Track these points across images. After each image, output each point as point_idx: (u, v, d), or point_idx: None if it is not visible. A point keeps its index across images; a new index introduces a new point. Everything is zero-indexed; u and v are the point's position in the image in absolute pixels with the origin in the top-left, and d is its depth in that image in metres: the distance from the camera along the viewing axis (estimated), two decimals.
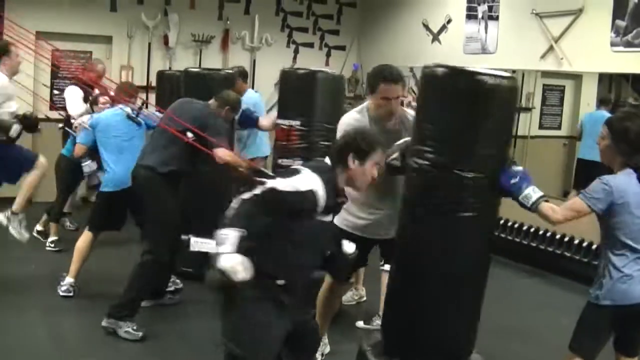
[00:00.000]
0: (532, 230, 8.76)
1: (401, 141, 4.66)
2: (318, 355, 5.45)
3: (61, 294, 6.77)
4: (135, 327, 5.96)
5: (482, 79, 3.98)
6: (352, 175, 4.00)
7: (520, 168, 4.13)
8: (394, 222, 4.63)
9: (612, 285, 4.06)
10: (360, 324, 6.35)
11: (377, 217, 5.11)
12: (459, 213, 4.08)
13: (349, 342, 5.40)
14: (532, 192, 4.06)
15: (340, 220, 5.12)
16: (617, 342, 4.28)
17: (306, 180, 3.80)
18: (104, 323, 5.95)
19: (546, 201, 4.09)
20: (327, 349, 5.61)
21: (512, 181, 4.05)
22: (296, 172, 3.89)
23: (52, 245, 8.40)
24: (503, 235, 9.10)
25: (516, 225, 8.99)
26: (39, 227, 8.70)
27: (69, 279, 6.82)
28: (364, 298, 6.95)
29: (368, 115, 5.04)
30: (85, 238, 6.89)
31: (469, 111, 4.03)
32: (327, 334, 5.65)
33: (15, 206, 6.88)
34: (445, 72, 4.12)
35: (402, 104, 5.25)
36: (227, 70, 8.14)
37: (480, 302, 4.39)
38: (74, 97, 9.10)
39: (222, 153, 6.00)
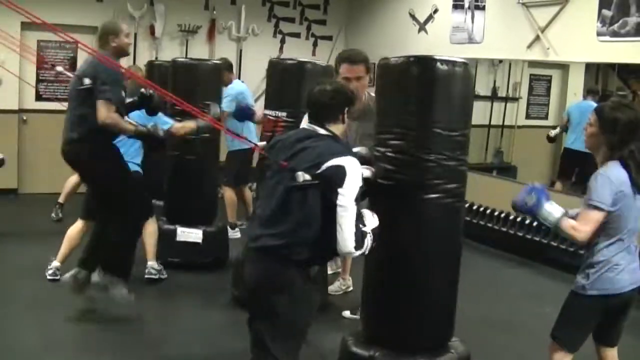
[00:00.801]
0: (518, 219, 8.77)
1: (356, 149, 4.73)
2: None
3: (48, 277, 6.79)
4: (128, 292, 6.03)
5: (435, 66, 4.13)
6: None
7: (536, 185, 4.12)
8: None
9: (599, 275, 4.05)
10: (346, 313, 6.36)
11: None
12: (425, 196, 4.17)
13: (336, 331, 5.38)
14: (551, 211, 4.02)
15: None
16: (598, 333, 4.26)
17: None
18: (96, 278, 5.97)
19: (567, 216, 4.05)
20: None
21: (528, 201, 4.05)
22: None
23: None
24: (490, 225, 9.13)
25: (502, 215, 9.01)
26: None
27: (55, 263, 6.85)
28: (351, 288, 6.95)
29: None
30: (76, 225, 6.96)
31: (425, 97, 4.15)
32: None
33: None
34: (400, 61, 4.26)
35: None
36: (214, 61, 8.11)
37: (455, 286, 4.44)
38: None
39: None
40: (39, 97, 11.12)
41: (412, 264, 4.24)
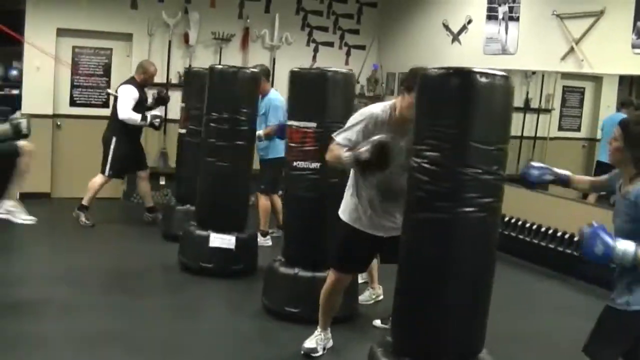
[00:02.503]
0: (550, 232, 8.73)
1: (377, 137, 4.73)
2: (320, 349, 5.58)
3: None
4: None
5: (475, 78, 4.03)
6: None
7: (592, 227, 3.93)
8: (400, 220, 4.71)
9: None
10: (377, 322, 6.34)
11: (386, 214, 5.16)
12: (460, 209, 4.08)
13: (366, 341, 5.37)
14: (625, 248, 3.83)
15: (347, 214, 5.29)
16: (630, 351, 4.21)
17: None
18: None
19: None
20: (330, 343, 5.67)
21: (597, 251, 3.86)
22: None
23: None
24: (521, 237, 9.08)
25: (534, 227, 8.97)
26: None
27: None
28: (381, 297, 6.94)
29: (390, 113, 5.07)
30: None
31: (463, 110, 4.06)
32: (333, 330, 5.72)
33: None
34: (439, 73, 4.18)
35: None
36: (252, 69, 8.12)
37: (488, 300, 4.36)
38: (126, 97, 9.43)
39: None
40: (73, 103, 11.22)
41: (444, 277, 4.18)
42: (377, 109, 5.13)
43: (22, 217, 8.30)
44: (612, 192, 4.40)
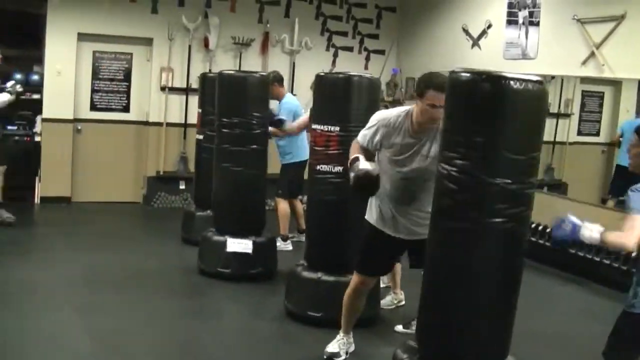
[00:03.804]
0: None
1: (364, 166, 4.91)
2: (343, 354, 5.58)
3: None
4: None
5: (508, 84, 3.92)
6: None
7: (571, 217, 4.07)
8: (423, 223, 4.76)
9: None
10: (399, 328, 6.35)
11: (407, 216, 5.17)
12: (488, 219, 4.03)
13: (388, 346, 5.39)
14: (592, 229, 3.96)
15: (370, 216, 5.33)
16: None
17: None
18: None
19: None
20: (352, 348, 5.66)
21: (566, 230, 4.02)
22: None
23: None
24: (540, 242, 9.06)
25: None
26: None
27: None
28: (403, 302, 6.95)
29: (405, 118, 5.08)
30: None
31: (495, 116, 3.97)
32: (354, 334, 5.71)
33: None
34: (471, 77, 4.06)
35: None
36: (262, 73, 8.16)
37: (514, 308, 4.34)
38: None
39: None
40: (93, 107, 11.27)
41: (471, 286, 4.15)
42: (391, 114, 5.16)
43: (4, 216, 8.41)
44: None
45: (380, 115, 5.19)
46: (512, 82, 3.91)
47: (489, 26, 10.49)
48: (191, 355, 5.70)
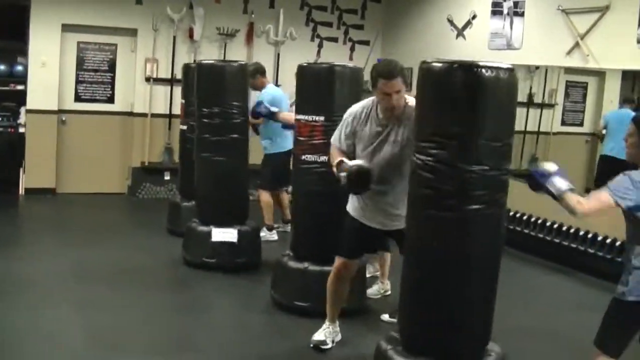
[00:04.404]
0: (555, 226, 8.74)
1: (355, 162, 5.02)
2: (329, 342, 5.60)
3: None
4: None
5: (480, 72, 3.98)
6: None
7: (552, 164, 4.13)
8: (398, 210, 4.94)
9: (638, 281, 4.05)
10: (385, 317, 6.36)
11: (383, 209, 5.22)
12: (466, 206, 4.08)
13: (374, 335, 5.39)
14: (560, 182, 4.03)
15: (352, 209, 5.38)
16: None
17: None
18: None
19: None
20: (339, 337, 5.69)
21: (542, 172, 4.07)
22: None
23: None
24: (526, 231, 9.10)
25: (539, 221, 8.98)
26: None
27: None
28: (389, 292, 6.96)
29: (371, 108, 5.17)
30: None
31: (468, 104, 4.03)
32: (340, 323, 5.74)
33: None
34: (443, 67, 4.12)
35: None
36: (240, 62, 8.14)
37: (494, 293, 4.39)
38: None
39: None
40: (78, 98, 11.23)
41: (451, 273, 4.20)
42: (357, 107, 5.27)
43: None
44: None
45: (349, 111, 5.29)
46: (484, 71, 3.98)
47: (474, 17, 10.51)
48: (183, 349, 5.66)
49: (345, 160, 5.06)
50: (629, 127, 4.16)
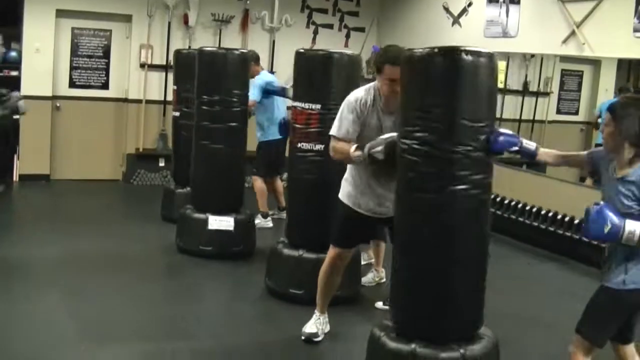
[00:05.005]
0: (549, 214, 8.74)
1: (387, 135, 4.79)
2: (320, 334, 5.59)
3: None
4: None
5: (460, 57, 4.07)
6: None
7: (599, 207, 4.00)
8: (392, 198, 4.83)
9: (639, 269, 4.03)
10: (379, 304, 6.36)
11: (383, 198, 5.20)
12: (452, 187, 4.13)
13: (368, 323, 5.40)
14: (634, 229, 3.88)
15: (346, 197, 5.34)
16: (619, 330, 4.23)
17: None
18: None
19: None
20: (327, 328, 5.67)
21: (605, 230, 3.91)
22: None
23: None
24: (520, 219, 9.09)
25: (533, 209, 8.98)
26: None
27: None
28: (384, 279, 6.95)
29: (374, 94, 5.11)
30: None
31: (450, 88, 4.10)
32: (335, 311, 5.75)
33: None
34: (424, 53, 4.20)
35: None
36: (242, 50, 8.12)
37: (483, 277, 4.40)
38: None
39: None
40: (72, 84, 11.20)
41: (440, 255, 4.23)
42: (361, 92, 5.18)
43: None
44: (593, 171, 4.41)
45: (353, 97, 5.17)
46: (464, 55, 4.07)
47: (470, 4, 10.48)
48: (176, 336, 5.66)
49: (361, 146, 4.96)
50: (605, 116, 4.15)
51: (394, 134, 4.70)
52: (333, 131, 5.17)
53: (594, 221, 3.95)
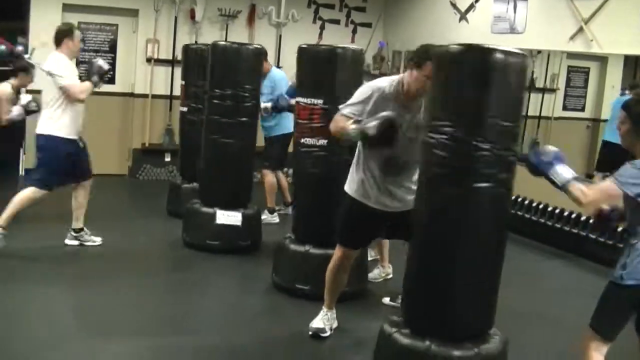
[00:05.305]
0: (556, 211, 8.73)
1: (386, 113, 4.77)
2: (328, 330, 5.58)
3: None
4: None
5: (493, 56, 4.09)
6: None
7: (553, 148, 4.14)
8: (408, 195, 4.92)
9: (636, 265, 4.03)
10: (386, 300, 6.36)
11: (391, 189, 5.16)
12: (476, 184, 4.14)
13: (375, 319, 5.40)
14: (564, 171, 4.03)
15: (353, 190, 5.30)
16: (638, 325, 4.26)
17: None
18: None
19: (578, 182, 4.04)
20: (335, 324, 5.66)
21: (543, 158, 4.08)
22: None
23: None
24: (527, 216, 9.09)
25: (541, 207, 8.97)
26: None
27: None
28: (391, 275, 6.95)
29: (397, 87, 5.04)
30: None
31: (482, 86, 4.11)
32: (341, 307, 5.73)
33: None
34: (458, 49, 4.24)
35: None
36: (255, 45, 8.11)
37: (498, 276, 4.42)
38: None
39: None
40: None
41: (459, 252, 4.24)
42: (384, 82, 5.12)
43: None
44: None
45: (374, 85, 5.12)
46: (499, 54, 4.09)
47: (477, 0, 10.45)
48: (181, 332, 5.65)
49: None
50: (620, 115, 4.15)
51: (391, 112, 4.74)
52: (343, 107, 5.15)
53: (542, 149, 4.18)
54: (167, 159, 11.60)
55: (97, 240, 7.48)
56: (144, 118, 11.49)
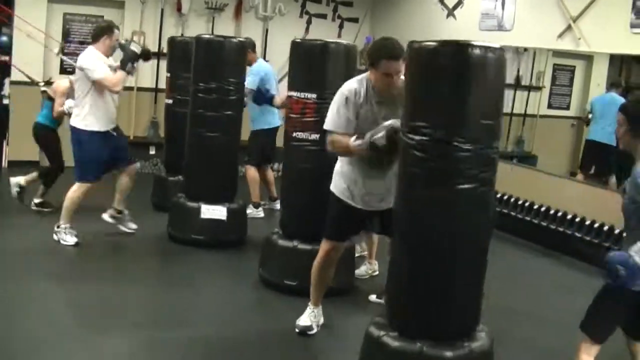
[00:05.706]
0: (543, 209, 8.74)
1: (388, 122, 4.74)
2: (314, 327, 5.58)
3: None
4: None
5: (469, 51, 4.02)
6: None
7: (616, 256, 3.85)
8: (390, 193, 4.81)
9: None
10: (372, 297, 6.35)
11: (376, 190, 5.17)
12: (459, 185, 4.08)
13: (361, 315, 5.42)
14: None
15: (338, 190, 5.29)
16: (631, 327, 4.24)
17: None
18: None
19: None
20: (322, 320, 5.65)
21: (620, 274, 3.74)
22: None
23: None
24: (512, 213, 9.08)
25: (527, 204, 8.97)
26: (36, 200, 8.67)
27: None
28: (377, 272, 6.95)
29: (367, 85, 5.04)
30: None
31: (459, 84, 4.04)
32: (328, 303, 5.73)
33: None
34: (433, 46, 4.14)
35: None
36: (239, 38, 8.08)
37: (482, 275, 4.38)
38: None
39: None
40: (63, 70, 11.10)
41: (442, 252, 4.19)
42: (355, 84, 5.11)
43: None
44: None
45: (345, 89, 5.11)
46: (475, 50, 4.02)
47: None
48: (169, 325, 5.64)
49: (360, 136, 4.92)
50: (618, 117, 4.15)
51: (393, 120, 4.68)
52: (328, 125, 5.11)
53: (611, 272, 3.79)
54: (152, 152, 11.54)
55: (133, 227, 7.73)
56: (129, 111, 11.39)
